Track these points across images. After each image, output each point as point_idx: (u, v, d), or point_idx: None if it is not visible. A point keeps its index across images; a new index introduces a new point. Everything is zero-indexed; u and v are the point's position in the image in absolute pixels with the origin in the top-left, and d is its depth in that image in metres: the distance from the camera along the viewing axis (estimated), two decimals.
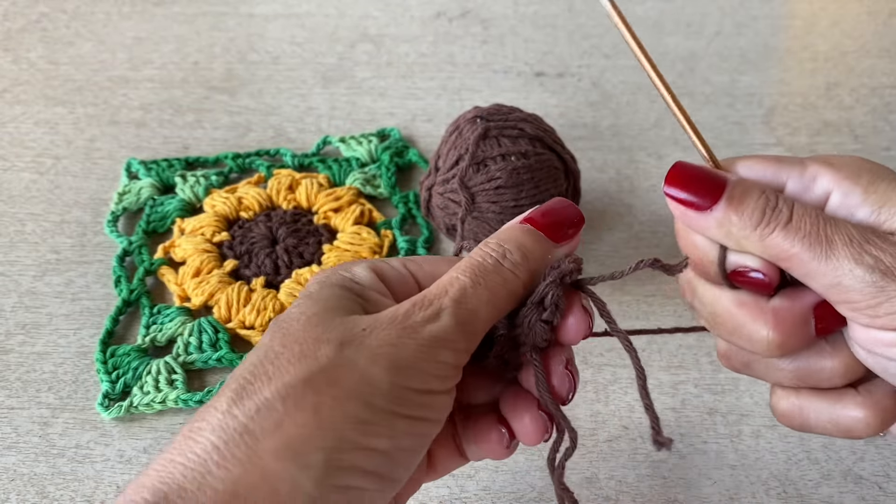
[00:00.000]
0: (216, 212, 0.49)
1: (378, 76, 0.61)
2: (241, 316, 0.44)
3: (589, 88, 0.60)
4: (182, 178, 0.51)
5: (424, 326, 0.27)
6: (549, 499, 0.36)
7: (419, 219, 0.49)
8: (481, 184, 0.41)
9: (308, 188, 0.50)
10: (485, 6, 0.68)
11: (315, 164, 0.53)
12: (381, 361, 0.26)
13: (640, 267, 0.29)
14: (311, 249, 0.47)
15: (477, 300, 0.28)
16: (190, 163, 0.53)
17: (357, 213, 0.49)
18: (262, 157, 0.53)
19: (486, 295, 0.28)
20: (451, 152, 0.43)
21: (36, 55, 0.63)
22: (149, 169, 0.52)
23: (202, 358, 0.42)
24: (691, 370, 0.41)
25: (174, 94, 0.59)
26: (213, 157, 0.53)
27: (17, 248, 0.48)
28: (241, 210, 0.49)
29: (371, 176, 0.51)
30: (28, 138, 0.55)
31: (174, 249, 0.47)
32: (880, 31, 0.65)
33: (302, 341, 0.26)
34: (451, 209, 0.43)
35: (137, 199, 0.50)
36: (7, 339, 0.43)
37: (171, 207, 0.50)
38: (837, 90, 0.59)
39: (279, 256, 0.46)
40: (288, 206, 0.49)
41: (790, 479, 0.37)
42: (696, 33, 0.65)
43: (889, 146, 0.54)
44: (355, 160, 0.52)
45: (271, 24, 0.66)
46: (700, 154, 0.31)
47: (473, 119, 0.43)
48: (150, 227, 0.49)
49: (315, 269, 0.46)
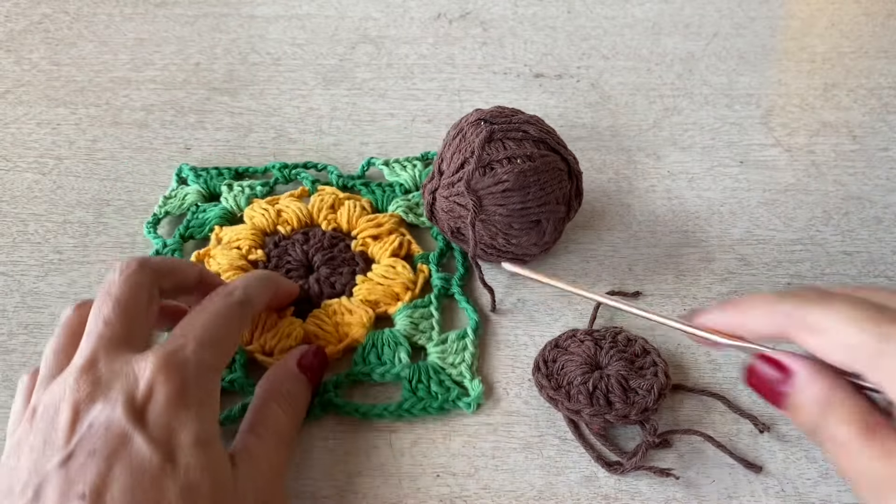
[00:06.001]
0: (254, 224, 0.47)
1: (378, 77, 0.61)
2: (262, 340, 0.42)
3: (588, 89, 0.60)
4: (228, 187, 0.50)
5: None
6: (548, 497, 0.36)
7: (457, 252, 0.47)
8: (488, 187, 0.41)
9: (350, 210, 0.48)
10: (484, 8, 0.68)
11: (358, 186, 0.51)
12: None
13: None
14: (345, 280, 0.45)
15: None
16: (240, 173, 0.52)
17: (396, 244, 0.46)
18: (309, 169, 0.52)
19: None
20: (455, 156, 0.43)
21: (38, 56, 0.63)
22: (198, 175, 0.51)
23: None
24: (690, 370, 0.41)
25: (176, 95, 0.59)
26: (262, 168, 0.52)
27: (19, 249, 0.48)
28: (280, 224, 0.48)
29: (414, 204, 0.49)
30: (30, 139, 0.56)
31: (209, 259, 0.46)
32: (878, 32, 0.65)
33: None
34: (456, 212, 0.43)
35: (181, 204, 0.50)
36: (10, 339, 0.44)
37: (211, 214, 0.49)
38: (835, 91, 0.59)
39: (311, 287, 0.44)
40: (327, 227, 0.48)
41: (788, 477, 0.37)
42: (695, 34, 0.65)
43: (887, 146, 0.55)
44: (398, 185, 0.51)
45: (272, 26, 0.66)
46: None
47: (477, 122, 0.43)
48: (188, 233, 0.48)
49: (345, 300, 0.43)
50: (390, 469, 0.38)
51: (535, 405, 0.40)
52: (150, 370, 0.32)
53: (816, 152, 0.54)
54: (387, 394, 0.41)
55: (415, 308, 0.43)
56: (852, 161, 0.54)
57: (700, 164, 0.53)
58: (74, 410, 0.31)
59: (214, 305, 0.36)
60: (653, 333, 0.43)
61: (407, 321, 0.43)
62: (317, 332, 0.42)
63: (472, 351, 0.41)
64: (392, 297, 0.44)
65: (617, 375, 0.39)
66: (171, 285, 0.37)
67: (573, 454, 0.38)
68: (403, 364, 0.41)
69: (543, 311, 0.44)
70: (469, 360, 0.41)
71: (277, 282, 0.42)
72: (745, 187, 0.52)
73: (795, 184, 0.52)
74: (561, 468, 0.37)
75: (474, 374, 0.41)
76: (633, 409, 0.37)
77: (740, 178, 0.52)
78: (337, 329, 0.42)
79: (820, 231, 0.49)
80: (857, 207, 0.50)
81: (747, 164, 0.53)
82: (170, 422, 0.31)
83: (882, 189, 0.52)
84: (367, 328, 0.42)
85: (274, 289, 0.41)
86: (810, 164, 0.53)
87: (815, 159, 0.54)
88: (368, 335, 0.42)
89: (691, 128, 0.56)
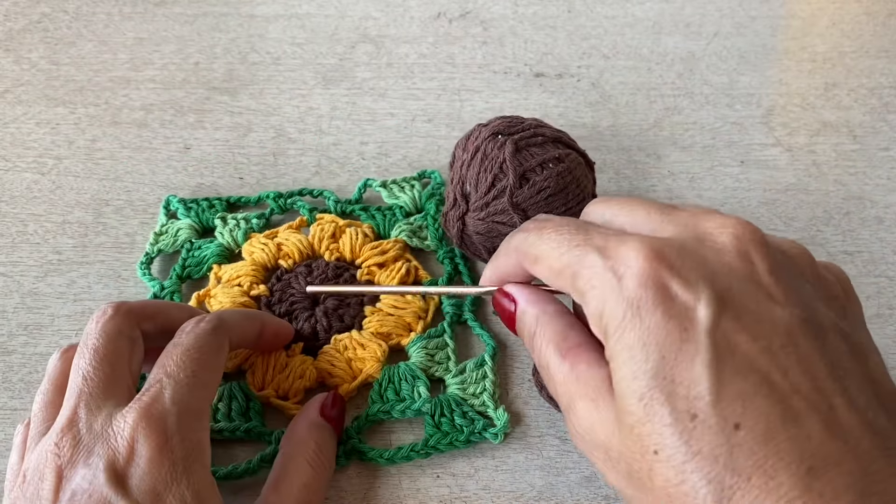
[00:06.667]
0: (254, 259, 0.46)
1: (378, 77, 0.61)
2: (275, 384, 0.40)
3: (588, 89, 0.60)
4: (222, 221, 0.48)
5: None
6: (548, 498, 0.36)
7: (465, 276, 0.45)
8: (531, 197, 0.41)
9: (352, 238, 0.46)
10: (484, 7, 0.68)
11: (357, 212, 0.49)
12: None
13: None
14: (353, 312, 0.43)
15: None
16: (231, 203, 0.50)
17: (403, 271, 0.45)
18: (305, 196, 0.50)
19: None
20: (482, 175, 0.42)
21: (37, 55, 0.63)
22: (188, 208, 0.49)
23: (229, 427, 0.38)
24: None
25: (175, 94, 0.59)
26: (254, 198, 0.50)
27: (18, 249, 0.48)
28: (281, 258, 0.46)
29: (417, 227, 0.48)
30: (29, 139, 0.56)
31: (209, 300, 0.44)
32: (879, 32, 0.65)
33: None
34: (495, 232, 0.42)
35: (174, 241, 0.47)
36: (9, 339, 0.43)
37: (208, 252, 0.46)
38: (836, 90, 0.59)
39: (318, 320, 0.42)
40: (330, 257, 0.46)
41: None
42: (695, 34, 0.65)
43: (888, 146, 0.55)
44: (399, 209, 0.49)
45: (272, 25, 0.66)
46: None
47: (493, 136, 0.43)
48: (185, 273, 0.46)
49: (355, 334, 0.42)
50: (390, 469, 0.38)
51: (535, 405, 0.40)
52: (130, 427, 0.30)
53: (817, 152, 0.54)
54: (405, 428, 0.39)
55: (429, 338, 0.42)
56: (853, 161, 0.53)
57: (700, 163, 0.53)
58: (57, 477, 0.30)
59: (186, 339, 0.34)
60: None
61: (422, 353, 0.41)
62: (329, 370, 0.41)
63: (492, 379, 0.40)
64: (404, 328, 0.43)
65: None
66: (156, 328, 0.36)
67: (573, 454, 0.38)
68: (424, 399, 0.39)
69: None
70: (491, 388, 0.40)
71: (261, 317, 0.40)
72: (745, 187, 0.52)
73: (796, 183, 0.52)
74: (561, 468, 0.37)
75: (498, 403, 0.39)
76: None
77: (741, 178, 0.52)
78: (350, 365, 0.41)
79: (821, 231, 0.49)
80: (857, 207, 0.50)
81: (748, 163, 0.53)
82: (154, 485, 0.30)
83: (883, 189, 0.51)
84: (381, 362, 0.41)
85: (258, 323, 0.39)
86: (811, 163, 0.53)
87: (816, 159, 0.54)
88: (384, 370, 0.40)
89: (692, 127, 0.56)
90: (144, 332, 0.35)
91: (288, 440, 0.36)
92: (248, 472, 0.37)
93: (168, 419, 0.31)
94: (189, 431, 0.31)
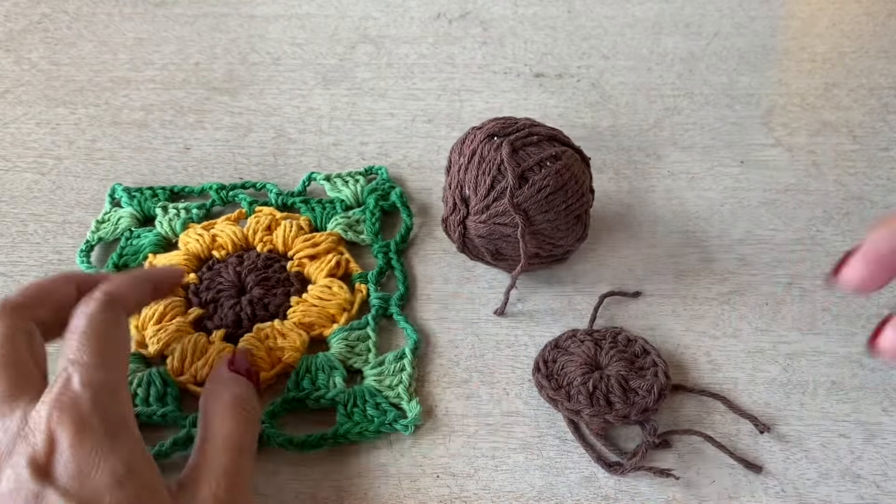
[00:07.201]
0: (188, 250, 0.46)
1: (378, 77, 0.61)
2: (193, 370, 0.40)
3: (588, 89, 0.60)
4: (163, 210, 0.49)
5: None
6: (548, 498, 0.36)
7: (398, 271, 0.46)
8: (531, 196, 0.41)
9: (286, 231, 0.47)
10: (484, 7, 0.68)
11: (298, 204, 0.49)
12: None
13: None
14: (278, 301, 0.43)
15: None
16: (175, 193, 0.50)
17: (333, 263, 0.45)
18: (248, 190, 0.51)
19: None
20: (480, 178, 0.42)
21: (37, 56, 0.63)
22: (132, 197, 0.49)
23: (146, 412, 0.39)
24: (690, 370, 0.41)
25: (175, 94, 0.59)
26: (198, 189, 0.50)
27: (19, 249, 0.48)
28: (214, 249, 0.46)
29: (354, 221, 0.48)
30: (30, 139, 0.56)
31: None
32: (879, 32, 0.65)
33: None
34: (497, 233, 0.42)
35: (115, 229, 0.48)
36: None
37: (145, 241, 0.47)
38: (836, 91, 0.59)
39: (243, 308, 0.43)
40: (263, 249, 0.46)
41: (788, 478, 0.37)
42: (695, 34, 0.65)
43: (888, 146, 0.55)
44: (339, 202, 0.49)
45: (272, 26, 0.66)
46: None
47: (489, 138, 0.43)
48: (122, 262, 0.46)
49: (278, 324, 0.42)
50: (390, 469, 0.38)
51: (535, 405, 0.40)
52: (45, 420, 0.30)
53: (817, 152, 0.54)
54: (328, 420, 0.39)
55: (351, 330, 0.42)
56: (853, 161, 0.54)
57: (700, 163, 0.53)
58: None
59: (80, 322, 0.34)
60: (653, 333, 0.43)
61: (342, 344, 0.42)
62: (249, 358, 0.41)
63: (409, 372, 0.40)
64: (328, 319, 0.43)
65: (617, 376, 0.39)
66: (50, 311, 0.35)
67: (573, 454, 0.38)
68: (338, 389, 0.39)
69: (544, 311, 0.44)
70: (407, 381, 0.40)
71: (147, 274, 0.41)
72: (745, 187, 0.52)
73: (796, 184, 0.52)
74: (561, 468, 0.37)
75: (412, 396, 0.40)
76: (633, 410, 0.37)
77: (741, 178, 0.52)
78: (269, 354, 0.41)
79: (820, 231, 0.49)
80: (857, 207, 0.50)
81: (748, 163, 0.53)
82: (79, 468, 0.29)
83: (883, 189, 0.52)
84: (301, 352, 0.41)
85: (148, 283, 0.39)
86: (811, 163, 0.53)
87: (816, 159, 0.54)
88: (302, 359, 0.41)
89: (692, 127, 0.56)
90: (40, 320, 0.35)
91: (202, 401, 0.36)
92: (160, 456, 0.37)
93: (81, 403, 0.31)
94: (107, 408, 0.31)
